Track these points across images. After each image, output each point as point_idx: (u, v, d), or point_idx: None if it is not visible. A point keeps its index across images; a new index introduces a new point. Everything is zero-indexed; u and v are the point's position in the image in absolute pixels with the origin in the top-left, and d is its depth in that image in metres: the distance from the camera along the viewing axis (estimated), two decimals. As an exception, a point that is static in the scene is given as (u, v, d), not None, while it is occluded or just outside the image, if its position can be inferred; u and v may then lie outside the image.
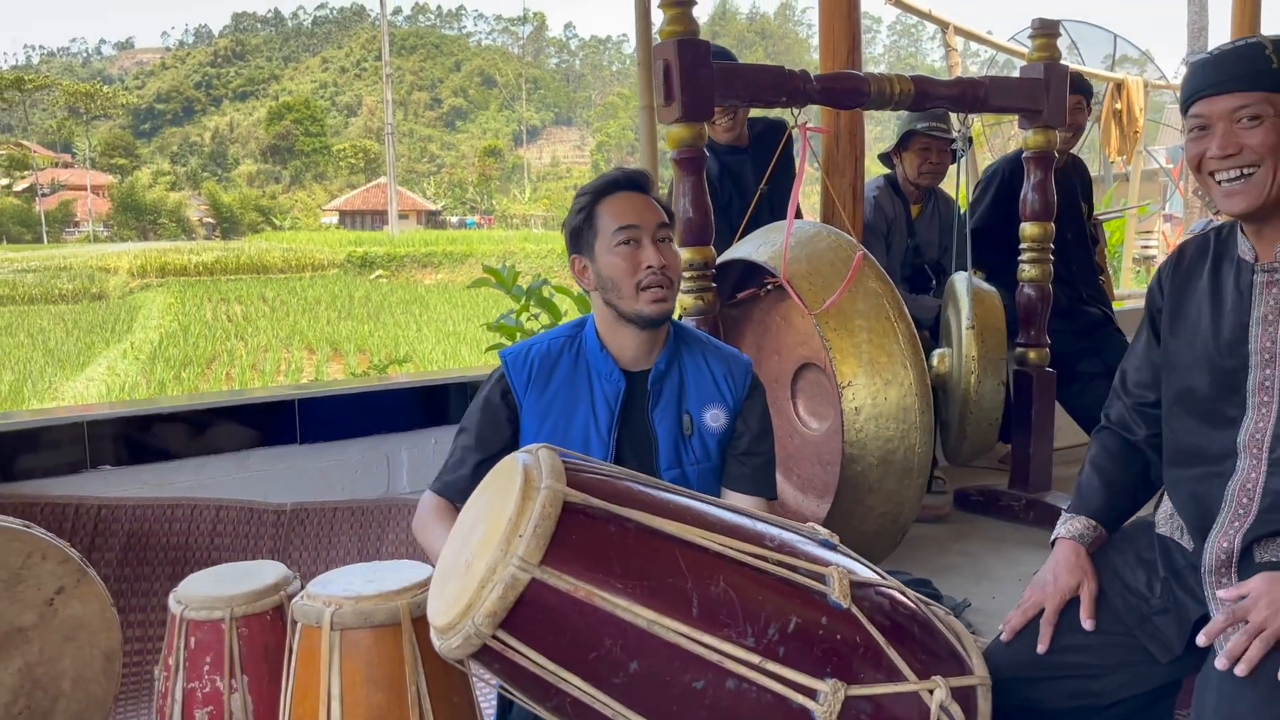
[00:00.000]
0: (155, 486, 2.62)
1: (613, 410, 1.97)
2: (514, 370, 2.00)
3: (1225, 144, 1.70)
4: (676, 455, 1.99)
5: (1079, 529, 1.97)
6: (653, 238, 1.93)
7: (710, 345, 2.10)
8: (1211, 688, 1.66)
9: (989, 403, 3.18)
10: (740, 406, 2.05)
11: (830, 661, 1.43)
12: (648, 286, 1.91)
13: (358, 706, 1.51)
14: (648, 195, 1.98)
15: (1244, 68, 1.68)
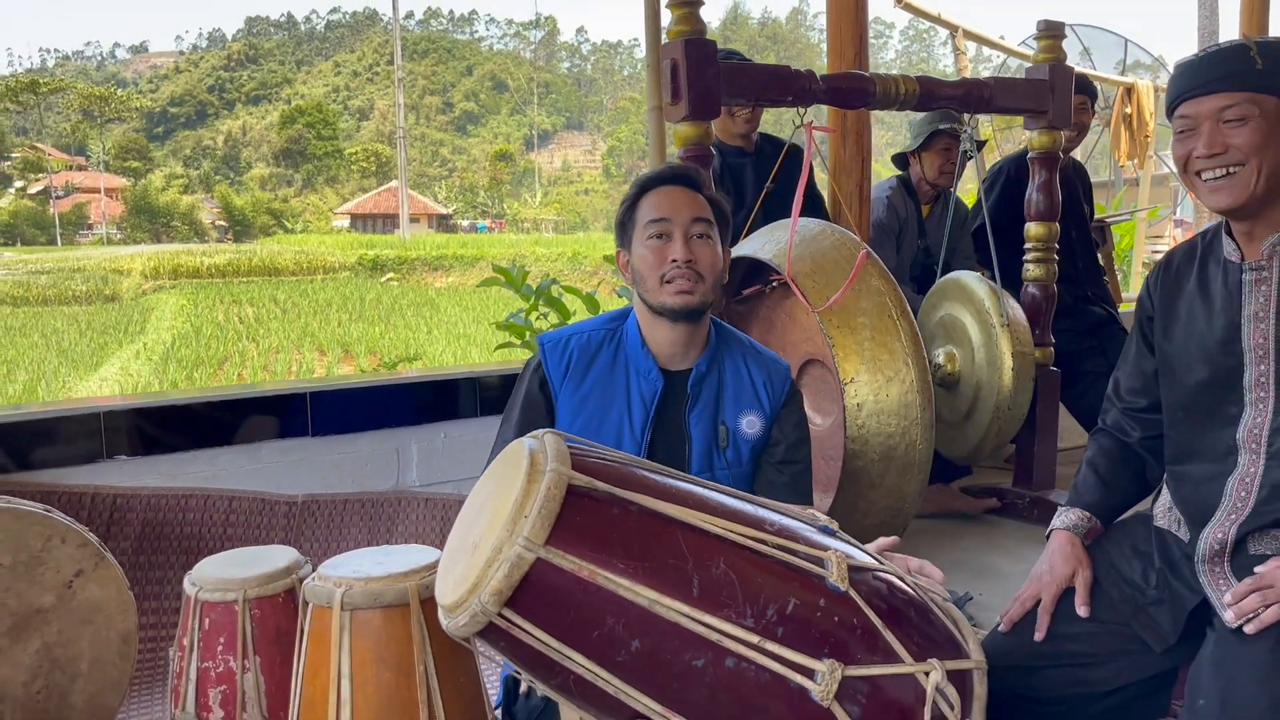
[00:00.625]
0: (170, 477, 2.67)
1: (648, 409, 1.96)
2: (551, 358, 1.98)
3: (1211, 144, 1.74)
4: (709, 459, 1.98)
5: (1073, 520, 2.01)
6: (685, 232, 1.91)
7: (751, 349, 2.07)
8: (1206, 666, 1.70)
9: (1021, 399, 3.22)
10: (777, 414, 2.03)
11: (828, 642, 1.46)
12: (671, 279, 1.90)
13: (367, 685, 1.55)
14: (693, 190, 1.96)
15: (1229, 68, 1.71)
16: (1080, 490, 2.06)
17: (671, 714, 1.42)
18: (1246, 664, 1.65)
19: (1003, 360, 3.18)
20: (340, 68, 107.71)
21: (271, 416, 2.85)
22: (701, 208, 1.94)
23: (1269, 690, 1.61)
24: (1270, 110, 1.71)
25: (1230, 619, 1.71)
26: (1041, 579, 1.94)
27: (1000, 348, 3.17)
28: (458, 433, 3.07)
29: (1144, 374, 2.04)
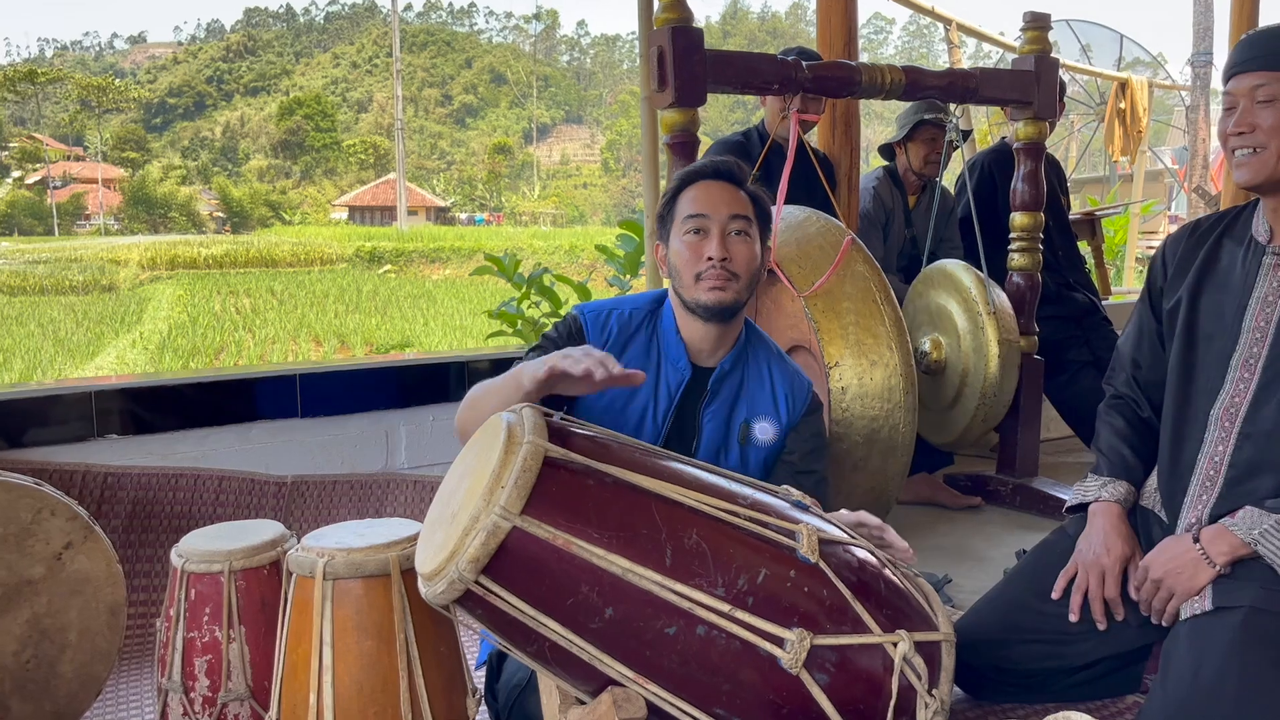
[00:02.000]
0: (160, 456, 2.70)
1: (673, 398, 1.95)
2: (593, 329, 1.96)
3: (1241, 122, 1.78)
4: (715, 458, 1.97)
5: (1121, 493, 1.99)
6: (722, 229, 1.88)
7: (778, 357, 2.07)
8: (1181, 640, 1.73)
9: (1007, 385, 3.26)
10: (795, 425, 2.02)
11: (797, 612, 1.49)
12: (705, 276, 1.88)
13: (348, 652, 1.58)
14: (734, 186, 1.93)
15: (1268, 48, 1.75)
16: (1115, 463, 2.04)
17: (644, 680, 1.46)
18: (1217, 639, 1.69)
19: (989, 348, 3.21)
20: (339, 60, 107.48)
21: (262, 398, 2.88)
22: (741, 204, 1.92)
23: (1239, 664, 1.64)
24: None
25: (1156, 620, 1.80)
26: (1101, 560, 1.91)
27: (987, 335, 3.21)
28: (447, 416, 3.10)
29: (1149, 341, 2.05)
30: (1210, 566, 1.75)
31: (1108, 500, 1.98)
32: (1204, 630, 1.71)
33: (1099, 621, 1.90)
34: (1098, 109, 10.46)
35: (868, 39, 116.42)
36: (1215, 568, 1.75)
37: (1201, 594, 1.76)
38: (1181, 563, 1.78)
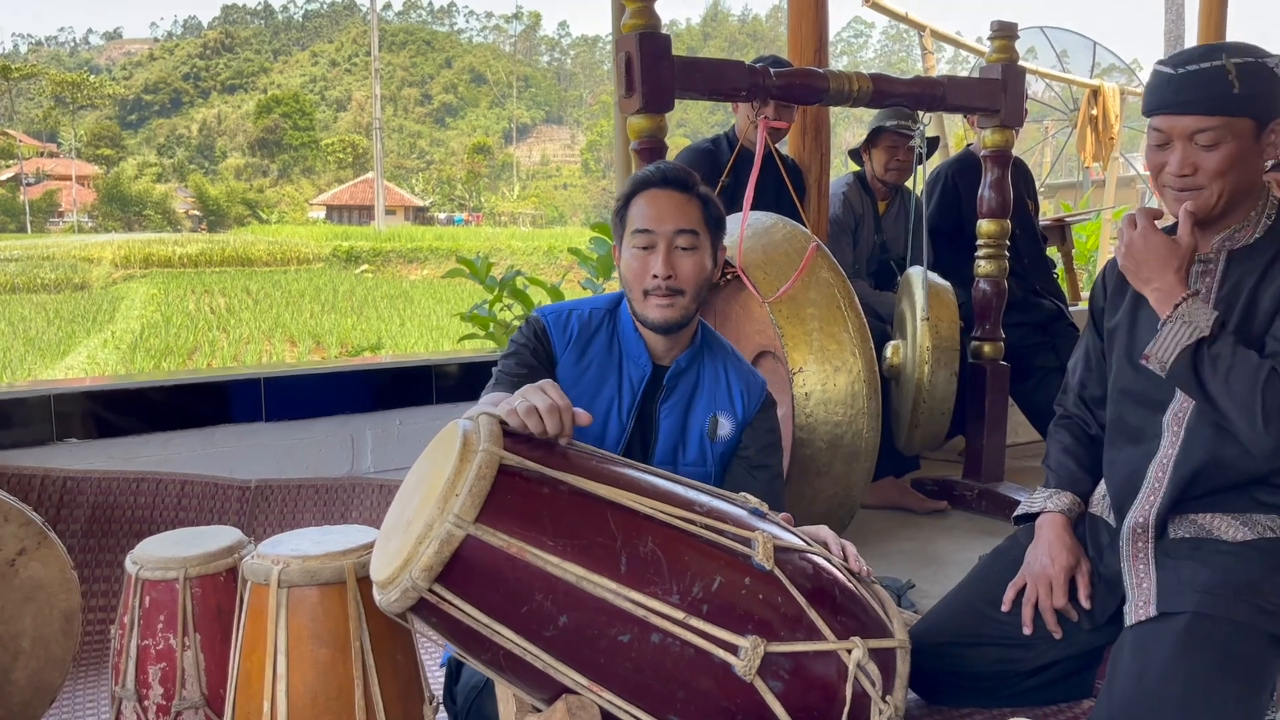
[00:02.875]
0: (121, 460, 2.68)
1: (635, 395, 1.99)
2: (555, 329, 1.99)
3: (1183, 165, 1.79)
4: (672, 454, 2.00)
5: (1066, 503, 2.03)
6: (668, 244, 1.89)
7: (733, 356, 2.10)
8: (1127, 646, 1.76)
9: (941, 392, 3.26)
10: (750, 421, 2.05)
11: (752, 619, 1.50)
12: (651, 293, 1.91)
13: (303, 660, 1.58)
14: (683, 193, 1.93)
15: (1205, 92, 1.74)
16: (1063, 474, 2.09)
17: (598, 688, 1.46)
18: (1159, 646, 1.71)
19: (921, 353, 3.22)
20: (318, 58, 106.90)
21: (226, 401, 2.86)
22: (688, 216, 1.92)
23: (1182, 669, 1.67)
24: (1244, 131, 1.76)
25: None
26: (1047, 571, 1.94)
27: (921, 340, 3.22)
28: (414, 420, 3.09)
29: (1097, 359, 2.10)
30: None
31: (1053, 511, 2.02)
32: (1149, 636, 1.74)
33: (1054, 631, 1.93)
34: (1071, 115, 10.56)
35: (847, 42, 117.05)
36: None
37: (1146, 601, 1.78)
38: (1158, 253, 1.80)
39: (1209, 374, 1.73)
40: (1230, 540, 1.83)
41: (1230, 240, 1.87)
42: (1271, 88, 1.74)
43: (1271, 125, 1.77)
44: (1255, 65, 1.73)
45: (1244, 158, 1.77)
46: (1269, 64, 1.74)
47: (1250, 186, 1.83)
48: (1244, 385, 1.70)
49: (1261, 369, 1.70)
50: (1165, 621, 1.74)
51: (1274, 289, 1.80)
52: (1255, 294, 1.82)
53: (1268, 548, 1.81)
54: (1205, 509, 1.87)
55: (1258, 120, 1.75)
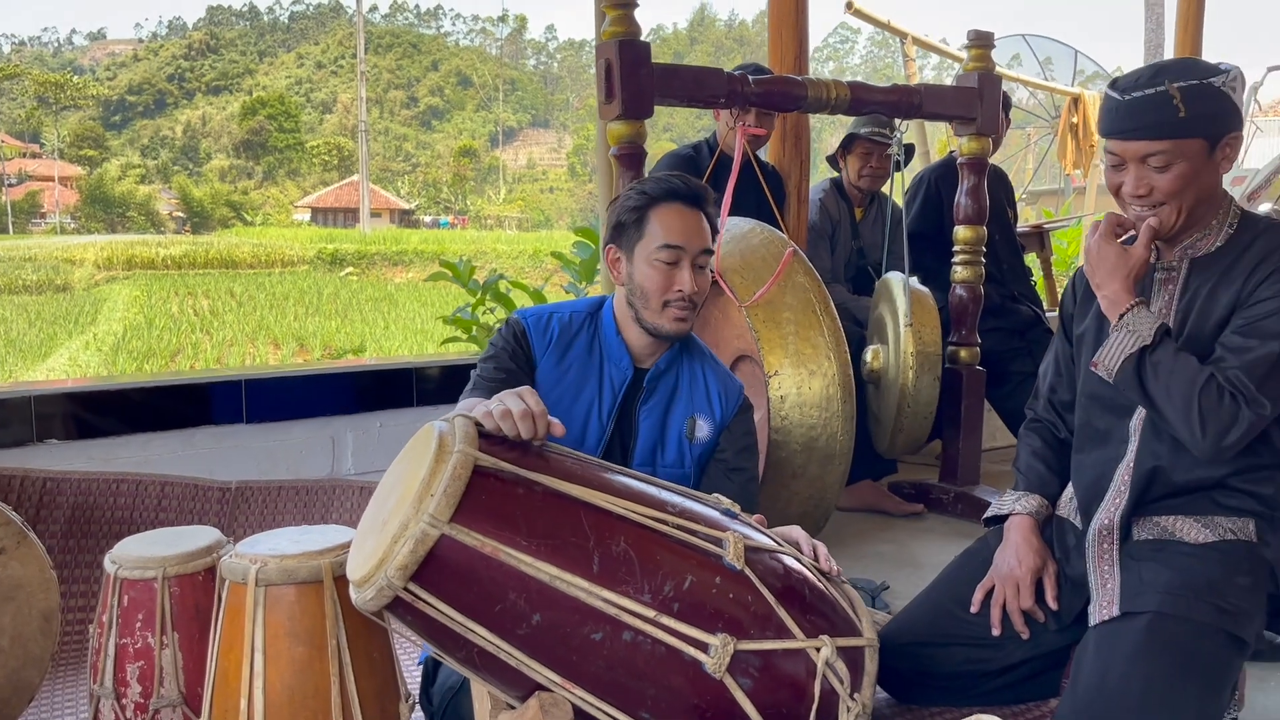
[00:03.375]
0: (101, 461, 2.69)
1: (616, 397, 2.03)
2: (535, 332, 2.03)
3: (1138, 185, 1.84)
4: (652, 454, 2.04)
5: (1034, 506, 2.08)
6: (692, 261, 1.97)
7: (711, 360, 2.15)
8: (1090, 645, 1.80)
9: (925, 396, 3.30)
10: (728, 423, 2.09)
11: (722, 618, 1.53)
12: (673, 305, 1.97)
13: (280, 658, 1.59)
14: (703, 213, 2.00)
15: (1153, 118, 1.79)
16: (1032, 477, 2.13)
17: (570, 685, 1.48)
18: (1122, 645, 1.75)
19: (905, 359, 3.26)
20: (303, 60, 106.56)
21: (206, 403, 2.87)
22: (708, 235, 2.00)
23: (1143, 670, 1.70)
24: (1195, 151, 1.80)
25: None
26: (1014, 573, 1.99)
27: (904, 346, 3.26)
28: (395, 422, 3.11)
29: (1067, 365, 2.15)
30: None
31: (1021, 514, 2.06)
32: (1111, 635, 1.77)
33: (1021, 632, 1.97)
34: (1053, 122, 10.66)
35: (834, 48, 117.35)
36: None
37: (1110, 601, 1.82)
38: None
39: (1151, 381, 1.79)
40: (1192, 542, 1.87)
41: (1192, 248, 1.92)
42: (1218, 106, 1.78)
43: (1224, 141, 1.81)
44: (1200, 87, 1.76)
45: (1197, 175, 1.81)
46: (1215, 84, 1.77)
47: (1210, 198, 1.87)
48: (1182, 392, 1.76)
49: (1200, 376, 1.75)
50: (1128, 621, 1.78)
51: (1228, 297, 1.84)
52: (1212, 302, 1.86)
53: (1228, 549, 1.85)
54: (1168, 512, 1.91)
55: (1208, 138, 1.79)
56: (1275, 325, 1.77)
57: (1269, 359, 1.75)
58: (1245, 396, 1.74)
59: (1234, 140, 1.83)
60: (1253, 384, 1.74)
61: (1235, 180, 7.16)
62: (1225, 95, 1.79)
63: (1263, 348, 1.76)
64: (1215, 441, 1.76)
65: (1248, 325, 1.79)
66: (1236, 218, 1.92)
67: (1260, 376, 1.74)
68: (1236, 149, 1.86)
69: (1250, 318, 1.80)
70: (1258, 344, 1.76)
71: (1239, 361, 1.76)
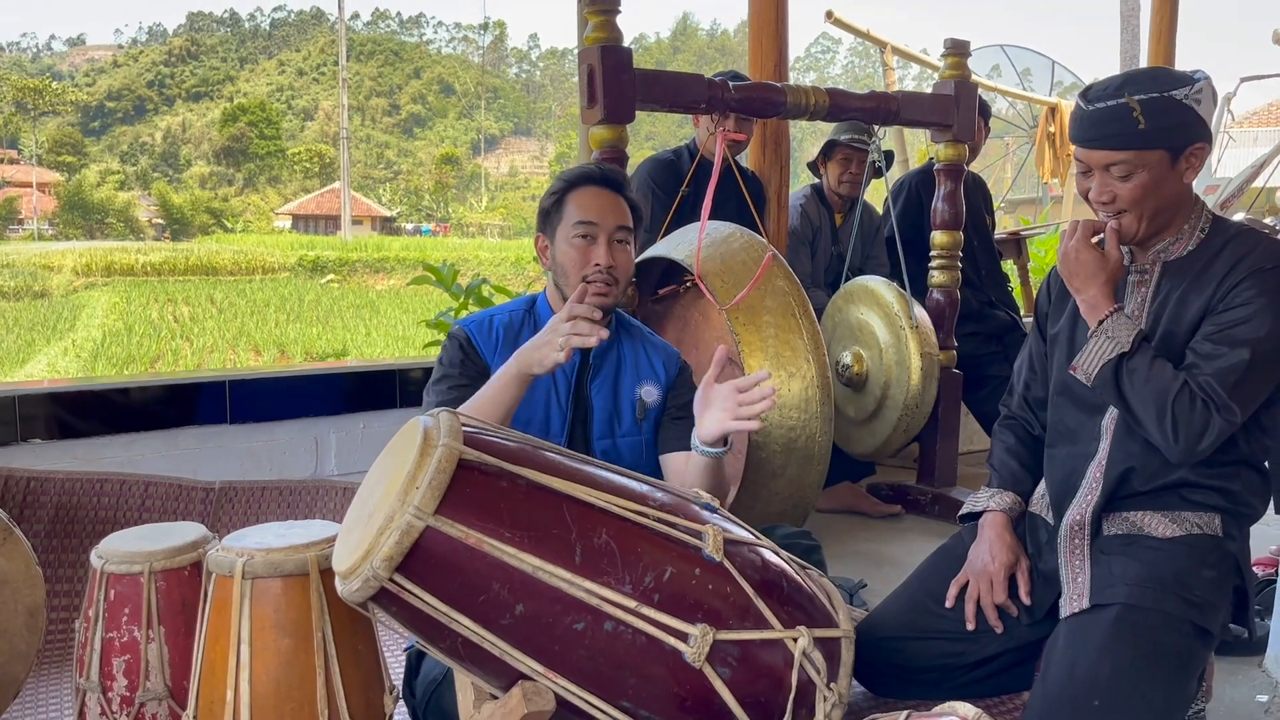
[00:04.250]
0: (85, 461, 2.70)
1: (570, 381, 2.11)
2: (480, 337, 2.12)
3: (1101, 193, 1.90)
4: (610, 426, 2.14)
5: (1008, 503, 2.12)
6: (609, 237, 2.05)
7: (647, 335, 2.27)
8: (1060, 637, 1.84)
9: (928, 397, 3.38)
10: (672, 384, 2.21)
11: (701, 609, 1.56)
12: (591, 280, 2.04)
13: (266, 650, 1.62)
14: (618, 195, 2.09)
15: (1114, 129, 1.84)
16: (1005, 474, 2.18)
17: (553, 674, 1.51)
18: (1091, 636, 1.79)
19: (911, 361, 3.32)
20: (284, 66, 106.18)
21: (190, 403, 2.88)
22: (624, 214, 2.09)
23: (1111, 659, 1.75)
24: (1156, 162, 1.85)
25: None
26: (988, 569, 2.03)
27: (909, 349, 3.32)
28: (378, 423, 3.13)
29: (1038, 363, 2.20)
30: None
31: (995, 510, 2.11)
32: (1081, 626, 1.82)
33: (995, 626, 2.01)
34: (1031, 132, 10.78)
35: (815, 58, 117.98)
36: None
37: (1080, 594, 1.87)
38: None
39: (1128, 387, 1.84)
40: (1160, 536, 1.92)
41: (1165, 252, 1.97)
42: (1179, 119, 1.82)
43: (1187, 151, 1.86)
44: (1160, 100, 1.81)
45: (1158, 185, 1.86)
46: (1176, 96, 1.82)
47: (1175, 205, 1.92)
48: (1157, 399, 1.81)
49: (1175, 384, 1.80)
50: (1097, 613, 1.82)
51: (1201, 301, 1.89)
52: (1183, 305, 1.91)
53: (1195, 543, 1.90)
54: (1138, 507, 1.96)
55: (1169, 150, 1.84)
56: (1245, 333, 1.81)
57: (1239, 367, 1.80)
58: (1217, 404, 1.79)
59: (1198, 151, 1.88)
60: (1224, 391, 1.79)
61: (1209, 189, 7.27)
62: (1187, 108, 1.83)
63: (1234, 355, 1.80)
64: (1189, 448, 1.81)
65: (1219, 332, 1.84)
66: (1208, 223, 1.97)
67: (1231, 384, 1.79)
68: (1202, 159, 1.91)
69: (1221, 324, 1.84)
70: (1228, 351, 1.81)
71: (1211, 369, 1.81)
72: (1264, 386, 1.85)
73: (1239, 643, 2.34)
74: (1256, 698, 2.21)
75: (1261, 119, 19.32)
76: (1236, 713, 2.15)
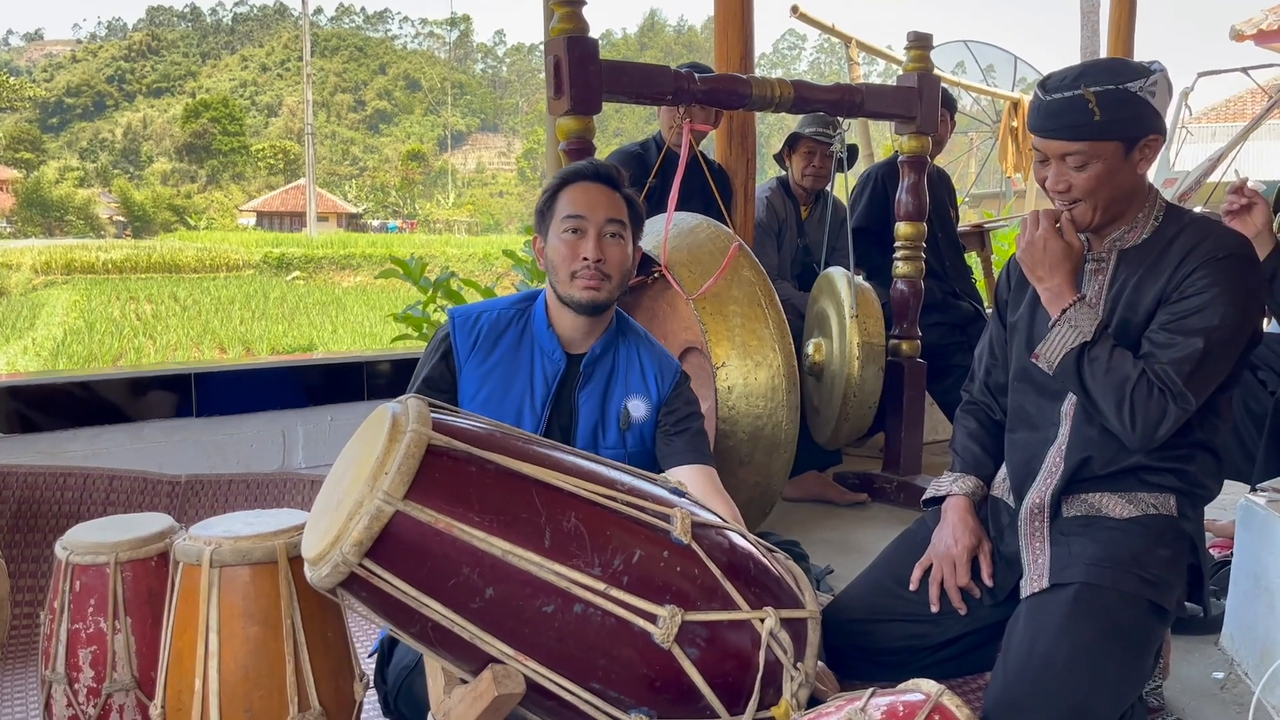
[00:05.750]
0: (48, 455, 2.67)
1: (550, 387, 2.07)
2: (460, 332, 2.07)
3: (1056, 182, 1.94)
4: (593, 438, 2.09)
5: (970, 487, 2.15)
6: (598, 231, 2.01)
7: (647, 340, 2.20)
8: (1021, 616, 1.88)
9: (870, 387, 3.40)
10: (665, 401, 2.14)
11: (670, 590, 1.58)
12: (580, 275, 2.01)
13: (234, 638, 1.61)
14: (611, 189, 2.06)
15: (1069, 120, 1.87)
16: (968, 459, 2.21)
17: (523, 657, 1.52)
18: (1050, 614, 1.83)
19: (850, 350, 3.35)
20: (247, 62, 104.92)
21: (155, 396, 2.86)
22: (617, 208, 2.05)
23: (1070, 637, 1.79)
24: (1110, 152, 1.88)
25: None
26: (951, 552, 2.07)
27: (848, 338, 3.34)
28: (345, 416, 3.12)
29: (999, 349, 2.23)
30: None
31: (958, 494, 2.14)
32: (1041, 606, 1.86)
33: (958, 608, 2.05)
34: (994, 127, 10.89)
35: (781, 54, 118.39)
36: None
37: (1040, 575, 1.91)
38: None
39: (1088, 376, 1.88)
40: (1117, 517, 1.96)
41: (1120, 241, 2.01)
42: (1133, 110, 1.86)
43: (1142, 143, 1.90)
44: (1115, 92, 1.85)
45: (1112, 175, 1.90)
46: (1131, 88, 1.85)
47: (1131, 195, 1.96)
48: (1115, 388, 1.85)
49: (1133, 373, 1.84)
50: (1056, 592, 1.86)
51: (1155, 289, 1.93)
52: (1139, 293, 1.95)
53: (1151, 523, 1.94)
54: (1096, 489, 2.00)
55: (1124, 141, 1.88)
56: (1199, 322, 1.86)
57: (1194, 356, 1.84)
58: (1173, 392, 1.83)
59: (1153, 142, 1.92)
60: (1180, 380, 1.83)
61: (1166, 183, 7.40)
62: (1142, 100, 1.87)
63: (1188, 344, 1.85)
64: (1146, 435, 1.86)
65: (1174, 321, 1.88)
66: (1161, 211, 2.01)
67: (1187, 373, 1.84)
68: (1156, 150, 1.95)
69: (1176, 314, 1.89)
70: (1183, 340, 1.86)
71: (1167, 358, 1.85)
72: (1217, 373, 1.90)
73: (1196, 621, 2.40)
74: (1213, 675, 2.26)
75: (1220, 114, 19.64)
76: (1193, 690, 2.19)
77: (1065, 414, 2.03)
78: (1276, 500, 2.20)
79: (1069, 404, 2.03)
